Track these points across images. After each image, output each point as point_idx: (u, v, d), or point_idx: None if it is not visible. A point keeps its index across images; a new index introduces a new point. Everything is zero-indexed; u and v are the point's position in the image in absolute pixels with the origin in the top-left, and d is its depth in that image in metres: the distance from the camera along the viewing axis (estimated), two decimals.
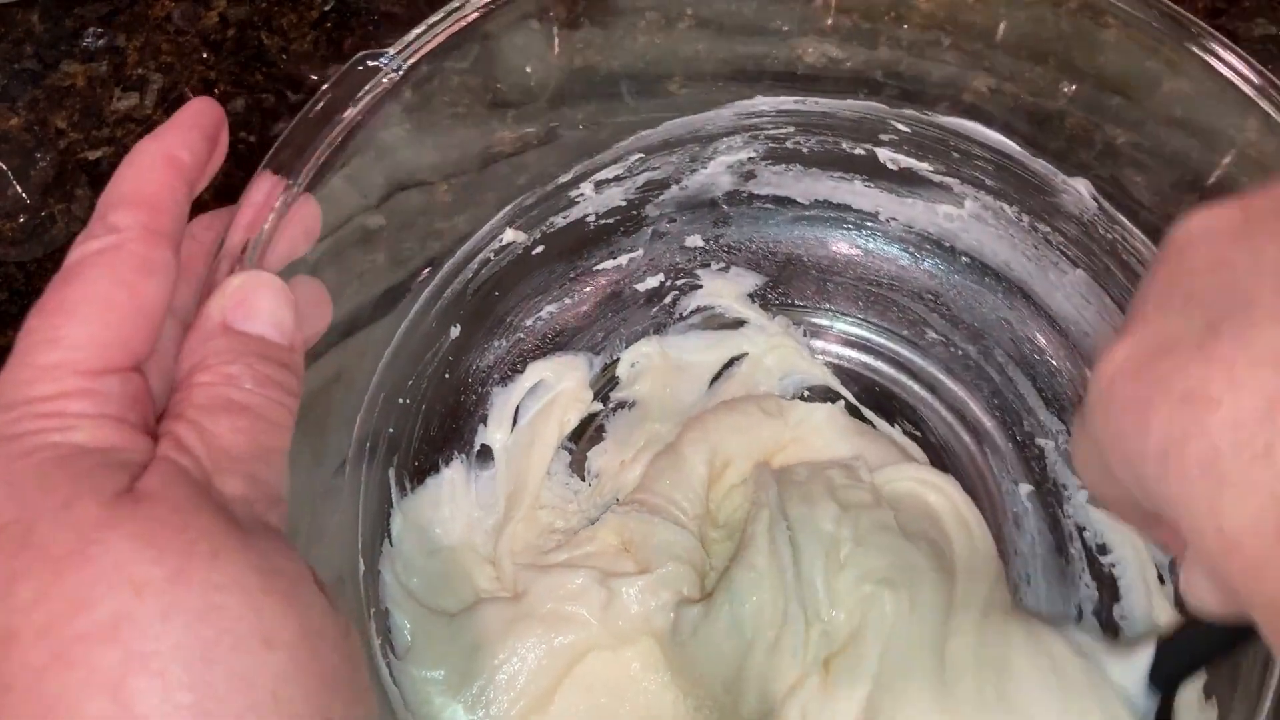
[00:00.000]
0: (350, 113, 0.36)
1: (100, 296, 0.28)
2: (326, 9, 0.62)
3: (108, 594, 0.24)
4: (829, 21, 0.48)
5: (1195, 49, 0.40)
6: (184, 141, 0.31)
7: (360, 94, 0.37)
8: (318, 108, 0.36)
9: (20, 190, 0.54)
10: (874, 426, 0.54)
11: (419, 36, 0.39)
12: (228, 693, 0.24)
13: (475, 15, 0.40)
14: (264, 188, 0.34)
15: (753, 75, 0.50)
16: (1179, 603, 0.47)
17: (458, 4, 0.40)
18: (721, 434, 0.51)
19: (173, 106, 0.59)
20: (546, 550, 0.50)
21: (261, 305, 0.30)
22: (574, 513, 0.52)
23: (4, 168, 0.56)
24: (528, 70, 0.47)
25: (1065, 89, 0.46)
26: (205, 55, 0.60)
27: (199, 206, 0.33)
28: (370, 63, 0.37)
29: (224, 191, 0.56)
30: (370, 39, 0.62)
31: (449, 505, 0.51)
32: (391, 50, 0.38)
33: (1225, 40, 0.39)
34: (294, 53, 0.60)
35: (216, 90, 0.60)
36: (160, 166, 0.31)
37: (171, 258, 0.30)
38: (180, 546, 0.25)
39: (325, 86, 0.36)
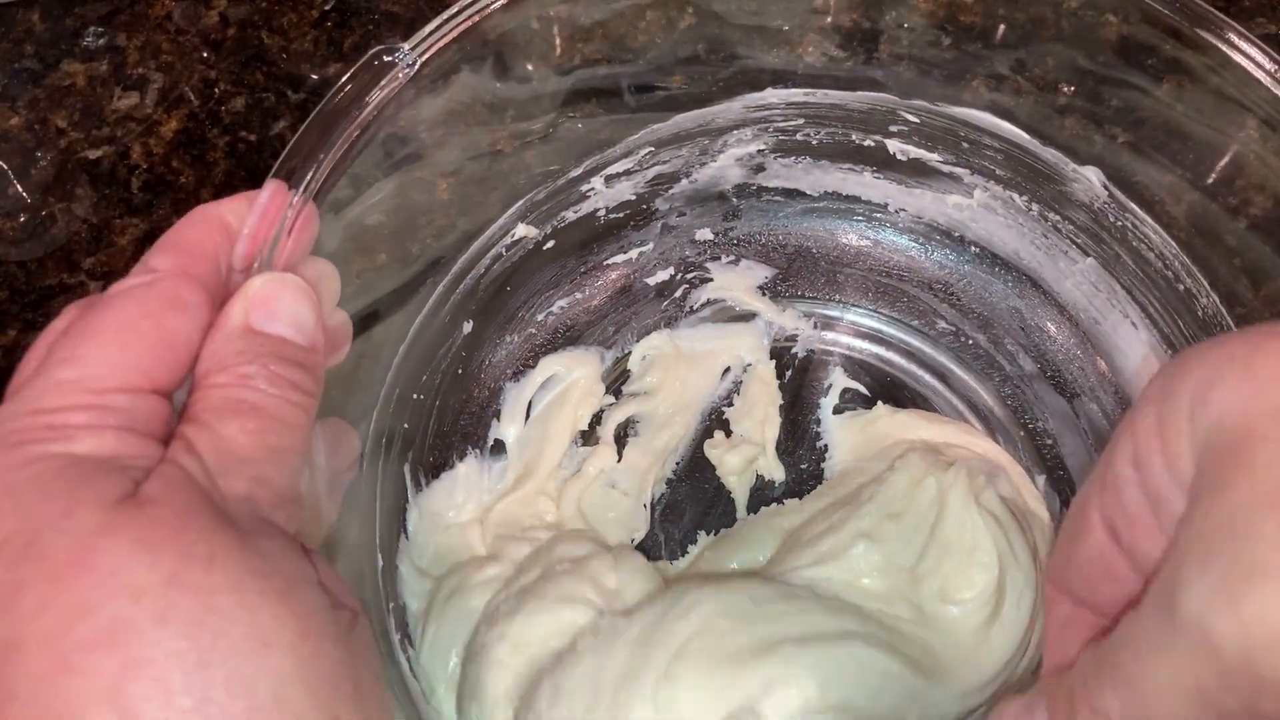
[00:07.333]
0: (366, 107, 0.36)
1: (124, 323, 0.28)
2: (327, 8, 0.62)
3: (106, 601, 0.24)
4: (829, 20, 0.48)
5: (1206, 35, 0.40)
6: (234, 209, 0.33)
7: (375, 88, 0.37)
8: (335, 101, 0.36)
9: (20, 189, 0.54)
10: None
11: (433, 32, 0.39)
12: (227, 696, 0.24)
13: (489, 11, 0.40)
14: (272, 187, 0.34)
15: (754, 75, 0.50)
16: None
17: (469, 0, 0.40)
18: None
19: (173, 106, 0.58)
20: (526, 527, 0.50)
21: (283, 306, 0.31)
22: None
23: (4, 167, 0.56)
24: (537, 67, 0.47)
25: (1066, 89, 0.46)
26: (205, 55, 0.60)
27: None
28: (386, 58, 0.37)
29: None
30: (371, 38, 0.61)
31: (462, 495, 0.51)
32: (406, 46, 0.38)
33: (1236, 25, 0.39)
34: (294, 52, 0.60)
35: (217, 90, 0.59)
36: (204, 224, 0.32)
37: (204, 300, 0.30)
38: (177, 550, 0.25)
39: (342, 80, 0.36)
